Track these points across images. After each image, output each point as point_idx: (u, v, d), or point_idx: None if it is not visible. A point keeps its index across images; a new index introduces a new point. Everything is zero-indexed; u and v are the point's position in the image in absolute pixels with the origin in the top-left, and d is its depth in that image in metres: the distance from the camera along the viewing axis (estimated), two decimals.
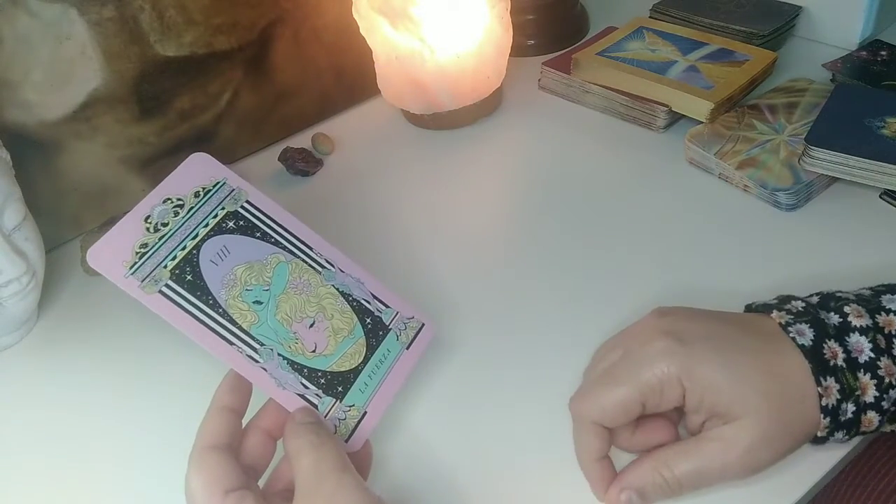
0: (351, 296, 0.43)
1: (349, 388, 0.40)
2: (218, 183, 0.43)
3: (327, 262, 0.44)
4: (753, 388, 0.36)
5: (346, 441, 0.39)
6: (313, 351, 0.40)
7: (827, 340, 0.38)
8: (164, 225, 0.41)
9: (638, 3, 0.84)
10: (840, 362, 0.37)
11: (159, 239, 0.40)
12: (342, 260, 0.44)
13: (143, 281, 0.39)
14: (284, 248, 0.43)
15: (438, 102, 0.71)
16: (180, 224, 0.41)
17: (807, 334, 0.38)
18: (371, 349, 0.42)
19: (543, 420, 0.46)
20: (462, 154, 0.72)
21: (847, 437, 0.38)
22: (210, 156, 0.44)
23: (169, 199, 0.42)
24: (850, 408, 0.37)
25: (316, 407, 0.39)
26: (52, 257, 0.62)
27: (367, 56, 0.73)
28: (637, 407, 0.38)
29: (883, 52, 0.72)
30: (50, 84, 0.60)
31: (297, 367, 0.39)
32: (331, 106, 0.78)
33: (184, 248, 0.40)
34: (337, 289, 0.43)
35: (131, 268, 0.39)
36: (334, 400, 0.40)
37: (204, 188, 0.43)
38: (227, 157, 0.73)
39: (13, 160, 0.56)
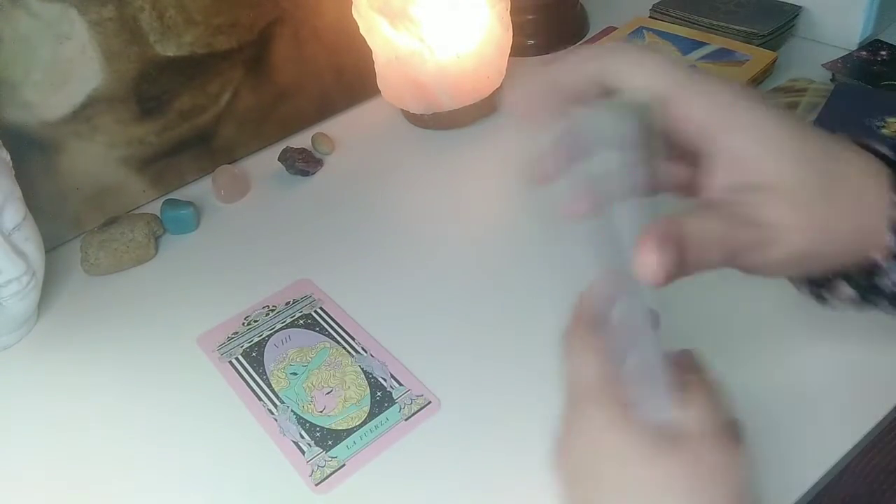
0: (372, 374, 0.51)
1: (338, 443, 0.47)
2: (307, 296, 0.58)
3: (363, 348, 0.53)
4: (800, 156, 0.29)
5: (317, 485, 0.45)
6: (321, 411, 0.49)
7: None
8: (255, 321, 0.56)
9: (638, 3, 0.84)
10: None
11: (247, 330, 0.55)
12: (376, 348, 0.53)
13: (222, 354, 0.54)
14: (332, 337, 0.54)
15: (438, 102, 0.71)
16: (266, 321, 0.56)
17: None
18: (372, 416, 0.48)
19: None
20: (462, 154, 0.72)
21: None
22: (311, 280, 0.59)
23: (267, 306, 0.57)
24: None
25: (303, 452, 0.47)
26: (52, 257, 0.62)
27: (367, 56, 0.73)
28: (659, 88, 0.30)
29: (883, 52, 0.72)
30: (50, 84, 0.60)
31: (302, 422, 0.49)
32: (331, 106, 0.78)
33: (260, 336, 0.55)
34: (362, 368, 0.52)
35: (220, 347, 0.54)
36: (321, 450, 0.47)
37: (295, 299, 0.58)
38: (227, 157, 0.73)
39: (13, 160, 0.56)
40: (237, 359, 0.54)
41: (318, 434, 0.48)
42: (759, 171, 0.29)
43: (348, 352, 0.53)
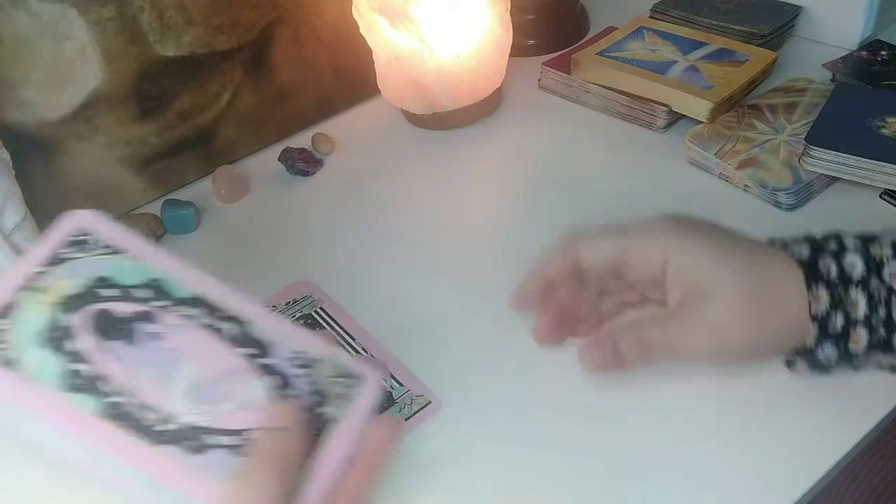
0: None
1: None
2: (307, 296, 0.57)
3: (363, 348, 0.53)
4: (734, 272, 0.38)
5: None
6: None
7: (822, 257, 0.39)
8: None
9: (638, 3, 0.84)
10: (833, 276, 0.38)
11: None
12: (376, 348, 0.53)
13: None
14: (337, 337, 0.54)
15: (438, 102, 0.71)
16: None
17: (804, 251, 0.39)
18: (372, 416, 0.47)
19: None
20: (462, 154, 0.72)
21: (836, 353, 0.39)
22: (311, 281, 0.59)
23: (267, 306, 0.53)
24: (840, 320, 0.38)
25: None
26: None
27: (367, 56, 0.73)
28: (619, 254, 0.40)
29: (883, 52, 0.72)
30: (50, 84, 0.60)
31: None
32: (331, 106, 0.78)
33: None
34: None
35: None
36: None
37: (295, 299, 0.57)
38: (227, 157, 0.73)
39: (13, 160, 0.56)
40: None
41: None
42: (706, 285, 0.38)
43: (348, 352, 0.53)
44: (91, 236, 0.38)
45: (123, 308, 0.36)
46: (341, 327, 0.55)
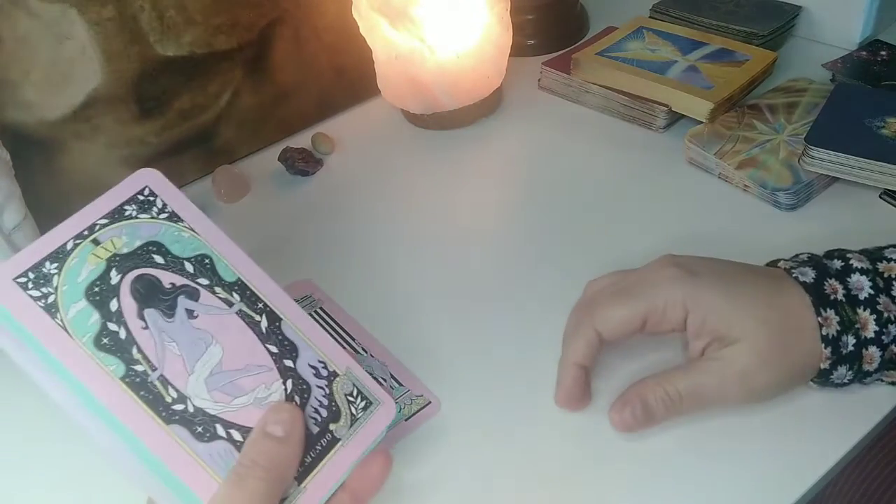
0: (372, 374, 0.50)
1: None
2: (307, 296, 0.56)
3: (363, 348, 0.53)
4: (752, 315, 0.38)
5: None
6: None
7: (828, 279, 0.39)
8: None
9: (638, 3, 0.84)
10: (840, 297, 0.39)
11: None
12: (376, 348, 0.53)
13: None
14: (332, 337, 0.53)
15: (438, 102, 0.71)
16: None
17: (809, 274, 0.40)
18: None
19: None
20: (462, 154, 0.72)
21: (850, 373, 0.39)
22: (311, 280, 0.58)
23: None
24: (851, 341, 0.38)
25: None
26: None
27: (367, 56, 0.73)
28: (638, 323, 0.40)
29: (883, 52, 0.72)
30: (50, 84, 0.60)
31: None
32: (331, 106, 0.78)
33: None
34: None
35: None
36: None
37: (295, 299, 0.54)
38: (227, 157, 0.73)
39: (13, 160, 0.56)
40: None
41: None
42: (728, 331, 0.39)
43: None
44: (155, 198, 0.37)
45: (169, 278, 0.35)
46: (341, 327, 0.55)
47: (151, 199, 0.37)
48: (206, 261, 0.37)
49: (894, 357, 0.39)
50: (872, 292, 0.39)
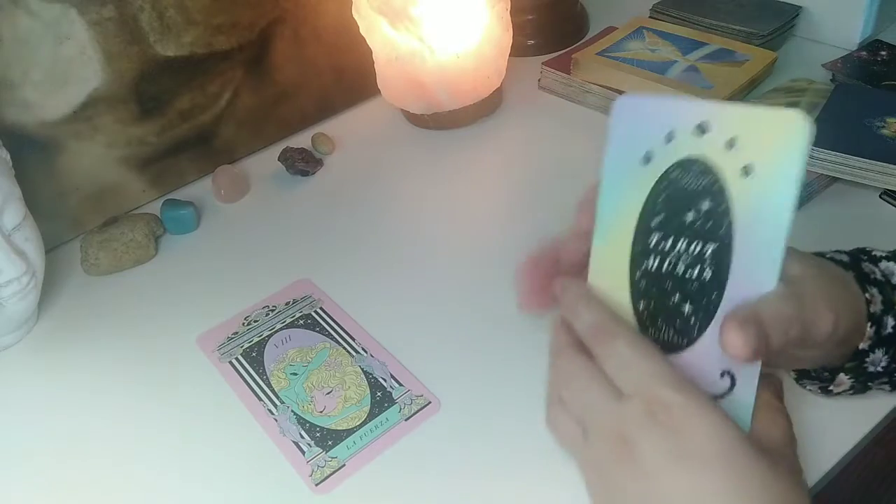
0: (372, 374, 0.52)
1: (338, 444, 0.47)
2: (307, 296, 0.58)
3: (363, 348, 0.53)
4: (816, 264, 0.35)
5: (317, 485, 0.45)
6: (321, 411, 0.49)
7: (863, 261, 0.38)
8: (255, 321, 0.56)
9: (638, 3, 0.84)
10: (879, 277, 0.38)
11: (247, 330, 0.56)
12: (376, 348, 0.53)
13: (222, 354, 0.54)
14: (332, 337, 0.55)
15: (438, 102, 0.71)
16: (266, 321, 0.56)
17: (843, 256, 0.38)
18: (372, 416, 0.49)
19: None
20: (462, 154, 0.72)
21: (886, 357, 0.37)
22: (311, 280, 0.59)
23: (267, 306, 0.58)
24: (891, 322, 0.37)
25: (303, 453, 0.47)
26: (52, 257, 0.62)
27: (367, 56, 0.73)
28: None
29: (883, 52, 0.72)
30: (50, 84, 0.60)
31: (302, 422, 0.49)
32: (331, 106, 0.78)
33: (260, 336, 0.55)
34: (362, 369, 0.52)
35: (220, 347, 0.55)
36: (322, 451, 0.47)
37: (294, 299, 0.58)
38: (227, 157, 0.73)
39: (13, 160, 0.56)
40: (237, 359, 0.54)
41: (318, 434, 0.48)
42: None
43: (348, 352, 0.53)
44: None
45: None
46: (341, 327, 0.55)
47: None
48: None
49: None
50: None
